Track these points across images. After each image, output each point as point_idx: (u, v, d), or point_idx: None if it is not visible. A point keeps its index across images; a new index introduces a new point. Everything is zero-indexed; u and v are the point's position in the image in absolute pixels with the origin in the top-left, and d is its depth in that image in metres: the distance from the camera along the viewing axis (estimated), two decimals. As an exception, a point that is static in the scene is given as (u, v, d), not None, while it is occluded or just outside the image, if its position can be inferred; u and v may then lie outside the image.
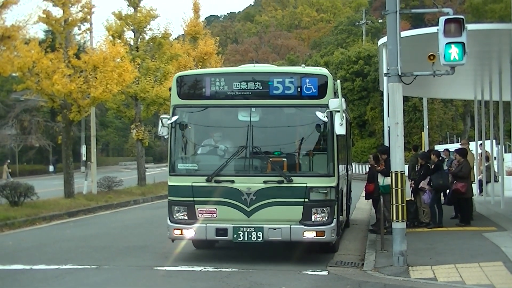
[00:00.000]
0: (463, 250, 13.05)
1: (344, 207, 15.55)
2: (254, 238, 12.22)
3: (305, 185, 12.17)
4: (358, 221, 19.94)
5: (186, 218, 12.52)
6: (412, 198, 17.18)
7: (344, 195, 15.43)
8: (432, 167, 16.73)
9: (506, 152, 31.29)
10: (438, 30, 11.56)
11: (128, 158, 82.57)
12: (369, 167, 17.71)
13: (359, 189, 23.28)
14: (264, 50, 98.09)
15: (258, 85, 12.63)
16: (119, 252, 14.39)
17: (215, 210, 12.39)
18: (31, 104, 55.79)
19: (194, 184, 12.49)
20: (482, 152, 23.81)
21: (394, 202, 11.91)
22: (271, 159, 12.51)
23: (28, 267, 12.58)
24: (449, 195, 17.97)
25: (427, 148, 26.61)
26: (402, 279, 10.98)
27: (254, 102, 12.61)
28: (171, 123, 12.77)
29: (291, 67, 17.07)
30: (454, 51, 11.48)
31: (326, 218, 12.21)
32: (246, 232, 12.23)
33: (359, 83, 57.40)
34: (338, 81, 12.41)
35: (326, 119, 12.14)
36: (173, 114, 12.83)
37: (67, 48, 25.18)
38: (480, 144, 24.58)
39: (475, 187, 22.02)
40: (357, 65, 57.74)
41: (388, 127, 14.45)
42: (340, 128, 11.94)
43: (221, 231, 12.36)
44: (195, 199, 12.46)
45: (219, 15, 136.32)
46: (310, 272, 11.78)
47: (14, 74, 27.80)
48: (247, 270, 11.90)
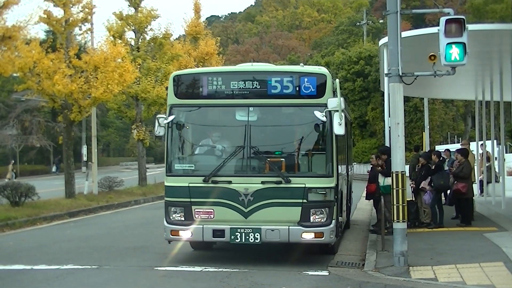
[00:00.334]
0: (464, 251, 13.04)
1: (344, 208, 15.42)
2: (252, 239, 12.08)
3: (303, 185, 12.02)
4: (359, 221, 19.94)
5: (183, 219, 12.39)
6: (413, 199, 17.18)
7: (344, 195, 15.29)
8: (433, 167, 16.72)
9: (507, 152, 31.27)
10: (439, 30, 11.56)
11: (129, 159, 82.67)
12: (371, 167, 17.69)
13: (360, 189, 23.30)
14: (265, 51, 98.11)
15: (256, 84, 12.49)
16: (120, 252, 14.39)
17: (212, 211, 12.24)
18: (32, 105, 55.79)
19: (191, 185, 12.35)
20: (483, 153, 23.81)
21: (395, 203, 11.90)
22: (269, 159, 12.36)
23: (29, 267, 12.58)
24: (450, 196, 17.97)
25: (428, 148, 26.57)
26: (403, 279, 10.98)
27: (252, 102, 12.46)
28: (168, 123, 12.63)
29: (290, 66, 16.85)
30: (455, 52, 11.47)
31: (325, 219, 12.05)
32: (244, 233, 12.09)
33: (360, 84, 57.42)
34: (337, 80, 12.20)
35: (324, 118, 12.00)
36: (169, 114, 12.70)
37: (68, 48, 25.19)
38: (481, 144, 24.58)
39: (476, 187, 22.02)
40: (358, 65, 57.76)
41: (389, 127, 14.44)
42: (339, 128, 11.83)
43: (218, 232, 12.21)
44: (192, 199, 12.31)
45: (220, 16, 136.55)
46: (310, 273, 11.77)
47: (15, 75, 27.77)
48: (247, 270, 11.89)
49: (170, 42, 36.04)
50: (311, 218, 12.02)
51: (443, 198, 18.22)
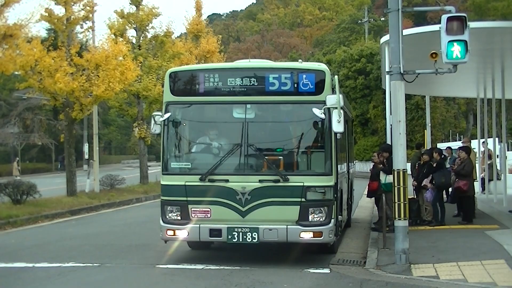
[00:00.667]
0: (465, 248, 13.04)
1: (345, 206, 15.26)
2: (249, 239, 11.89)
3: (302, 184, 11.80)
4: (360, 219, 19.93)
5: (179, 218, 12.21)
6: (415, 196, 17.18)
7: (345, 194, 15.15)
8: (435, 165, 16.72)
9: (508, 150, 31.28)
10: (440, 28, 11.53)
11: (131, 157, 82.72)
12: (372, 165, 17.69)
13: (361, 187, 23.30)
14: (267, 49, 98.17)
15: (254, 81, 12.27)
16: (122, 250, 14.40)
17: (209, 210, 12.05)
18: (33, 103, 55.75)
19: (187, 184, 12.17)
20: (484, 150, 23.80)
21: (396, 200, 11.89)
22: (266, 157, 12.17)
23: (31, 265, 12.60)
24: (451, 193, 17.97)
25: (430, 146, 26.57)
26: (404, 277, 10.98)
27: (250, 99, 12.22)
28: (164, 121, 12.42)
29: (288, 63, 16.56)
30: (457, 49, 11.44)
31: (324, 219, 11.84)
32: (241, 233, 11.88)
33: (361, 81, 57.39)
34: (336, 76, 12.02)
35: (323, 116, 11.78)
36: (165, 111, 12.48)
37: (69, 46, 25.19)
38: (483, 142, 24.57)
39: (477, 185, 22.02)
40: (359, 63, 57.72)
41: (390, 125, 14.43)
42: (337, 126, 11.59)
43: (215, 232, 12.01)
44: (189, 198, 12.13)
45: (221, 14, 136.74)
46: (312, 270, 11.77)
47: (16, 73, 27.76)
48: (249, 268, 11.89)
49: (172, 40, 36.04)
50: (310, 217, 11.82)
51: (445, 196, 18.22)
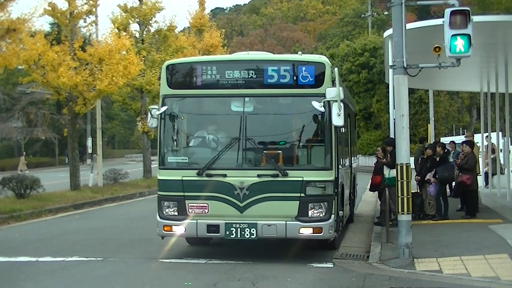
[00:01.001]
0: (469, 243, 13.03)
1: (347, 201, 15.11)
2: (248, 235, 11.70)
3: (301, 179, 11.58)
4: (363, 213, 19.94)
5: (176, 214, 12.01)
6: (418, 191, 17.17)
7: (347, 189, 15.01)
8: (438, 159, 16.70)
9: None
10: (443, 22, 11.51)
11: (134, 151, 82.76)
12: (376, 159, 17.66)
13: (365, 181, 23.24)
14: (270, 43, 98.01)
15: (252, 73, 12.02)
16: (125, 245, 14.43)
17: (207, 205, 11.85)
18: (37, 97, 55.89)
19: (184, 178, 11.93)
20: (488, 145, 23.76)
21: (400, 195, 11.90)
22: (265, 151, 11.95)
23: (34, 259, 12.63)
24: (455, 188, 17.94)
25: (433, 140, 26.54)
26: (408, 271, 10.99)
27: (248, 92, 11.97)
28: (160, 114, 12.18)
29: (287, 55, 16.18)
30: (460, 43, 11.41)
31: (324, 214, 11.62)
32: (239, 229, 11.69)
33: (364, 76, 57.34)
34: (336, 69, 11.81)
35: (323, 109, 11.54)
36: (162, 105, 12.25)
37: (72, 40, 25.19)
38: (486, 136, 24.53)
39: (480, 179, 21.99)
40: (362, 57, 57.65)
41: (394, 119, 14.41)
42: (337, 119, 11.33)
43: (212, 228, 11.81)
44: (186, 194, 11.91)
45: (224, 8, 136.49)
46: (315, 265, 11.78)
47: (20, 67, 27.83)
48: (252, 262, 11.89)
49: (175, 34, 36.02)
50: (309, 212, 11.61)
51: (448, 190, 18.20)
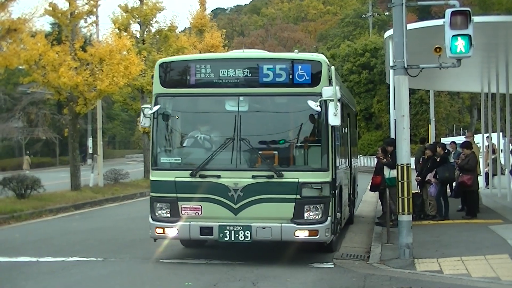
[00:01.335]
0: (469, 243, 13.04)
1: (346, 203, 14.95)
2: (242, 237, 11.45)
3: (296, 180, 11.32)
4: (364, 213, 19.93)
5: (169, 215, 11.74)
6: (419, 191, 17.17)
7: (345, 190, 14.83)
8: (438, 159, 16.70)
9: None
10: (444, 22, 11.51)
11: (135, 151, 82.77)
12: (376, 159, 17.67)
13: (365, 182, 23.24)
14: (271, 43, 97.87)
15: (247, 72, 11.78)
16: (125, 245, 14.41)
17: (200, 207, 11.59)
18: (37, 97, 55.87)
19: (177, 179, 11.69)
20: (488, 145, 23.75)
21: (400, 195, 11.90)
22: (260, 152, 11.69)
23: (35, 259, 12.62)
24: (455, 188, 17.93)
25: (433, 140, 26.53)
26: (408, 271, 10.99)
27: (243, 91, 11.72)
28: (153, 113, 11.96)
29: (283, 53, 15.71)
30: (461, 44, 11.41)
31: (320, 216, 11.37)
32: (233, 231, 11.44)
33: (365, 76, 57.40)
34: (333, 67, 11.59)
35: (319, 108, 11.23)
36: (155, 104, 12.02)
37: (73, 41, 25.22)
38: (487, 136, 24.52)
39: (481, 179, 21.98)
40: (363, 57, 57.71)
41: (395, 119, 14.41)
42: (334, 119, 11.01)
43: (206, 230, 11.55)
44: (178, 195, 11.65)
45: (225, 8, 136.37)
46: (316, 265, 11.77)
47: (20, 67, 27.84)
48: (252, 262, 11.86)
49: (176, 34, 36.07)
50: (305, 215, 11.36)
51: (449, 191, 18.20)
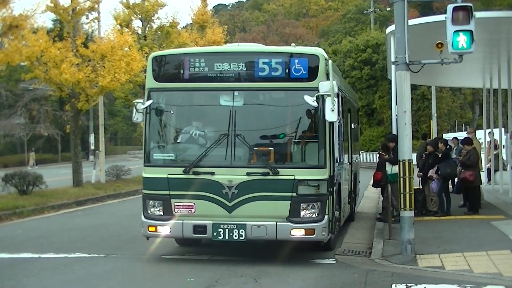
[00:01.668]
0: (471, 239, 13.03)
1: (346, 200, 14.80)
2: (236, 236, 11.18)
3: (292, 177, 11.03)
4: (366, 209, 19.93)
5: (162, 213, 11.53)
6: (420, 187, 17.16)
7: (345, 187, 14.68)
8: (440, 155, 16.69)
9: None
10: (446, 18, 11.49)
11: (137, 147, 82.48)
12: (378, 155, 17.65)
13: (367, 178, 23.26)
14: (272, 39, 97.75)
15: (242, 66, 11.48)
16: (127, 241, 14.42)
17: (193, 205, 11.34)
18: (39, 93, 55.81)
19: (170, 176, 11.47)
20: (490, 141, 23.74)
21: (402, 191, 11.89)
22: (255, 148, 11.35)
23: (37, 255, 12.64)
24: (457, 184, 17.92)
25: (435, 136, 26.51)
26: (410, 267, 10.99)
27: (238, 85, 11.46)
28: (146, 108, 11.70)
29: (279, 47, 15.51)
30: (462, 39, 11.39)
31: (316, 215, 11.08)
32: (227, 230, 11.17)
33: (367, 72, 57.33)
34: (330, 61, 11.28)
35: (315, 104, 11.00)
36: (148, 98, 11.74)
37: (75, 37, 25.24)
38: (489, 132, 24.50)
39: (483, 175, 21.97)
40: (365, 53, 57.64)
41: (396, 115, 14.39)
42: (331, 114, 10.80)
43: (199, 228, 11.29)
44: (171, 192, 11.43)
45: (227, 4, 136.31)
46: (317, 261, 11.77)
47: (22, 64, 27.82)
48: (254, 258, 11.89)
49: (177, 30, 36.04)
50: (301, 213, 11.09)
51: (450, 186, 18.19)
